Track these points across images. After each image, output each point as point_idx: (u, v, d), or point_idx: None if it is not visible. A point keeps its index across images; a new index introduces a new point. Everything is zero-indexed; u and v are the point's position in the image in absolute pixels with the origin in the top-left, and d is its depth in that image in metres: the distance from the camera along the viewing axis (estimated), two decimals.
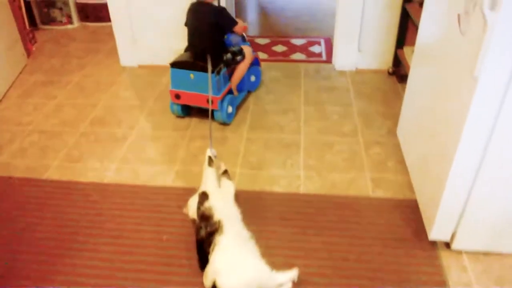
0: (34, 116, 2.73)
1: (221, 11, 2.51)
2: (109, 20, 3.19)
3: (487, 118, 1.38)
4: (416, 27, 2.80)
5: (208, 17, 2.45)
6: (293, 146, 2.38)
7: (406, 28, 2.86)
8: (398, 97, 2.78)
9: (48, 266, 1.72)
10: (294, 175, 2.17)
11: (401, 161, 2.20)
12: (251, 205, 1.91)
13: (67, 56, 3.51)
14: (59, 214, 1.97)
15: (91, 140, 2.48)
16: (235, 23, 2.53)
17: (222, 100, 2.50)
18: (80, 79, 3.15)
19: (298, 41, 3.62)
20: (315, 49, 3.49)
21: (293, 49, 3.48)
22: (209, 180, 1.79)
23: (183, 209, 1.83)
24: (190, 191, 1.87)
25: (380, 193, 2.04)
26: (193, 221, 1.73)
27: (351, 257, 1.73)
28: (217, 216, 1.59)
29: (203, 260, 1.55)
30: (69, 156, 2.36)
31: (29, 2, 3.90)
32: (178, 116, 2.65)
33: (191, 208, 1.75)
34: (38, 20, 4.08)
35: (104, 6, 3.09)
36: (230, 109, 2.55)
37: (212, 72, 2.38)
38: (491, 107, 1.36)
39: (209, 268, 1.50)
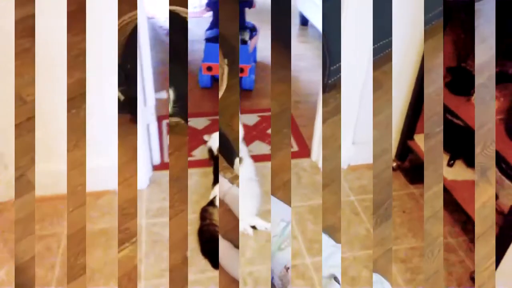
0: None
1: None
2: None
3: None
4: None
5: None
6: None
7: (419, 115, 2.09)
8: (421, 210, 1.98)
9: None
10: None
11: None
12: None
13: None
14: None
15: None
16: None
17: (250, 68, 2.84)
18: None
19: (249, 119, 2.63)
20: None
21: (248, 132, 2.49)
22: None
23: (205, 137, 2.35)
24: None
25: None
26: (210, 150, 2.20)
27: None
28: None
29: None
30: None
31: None
32: (206, 88, 2.89)
33: (214, 143, 2.17)
34: None
35: None
36: (253, 77, 2.91)
37: (245, 43, 2.81)
38: None
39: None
